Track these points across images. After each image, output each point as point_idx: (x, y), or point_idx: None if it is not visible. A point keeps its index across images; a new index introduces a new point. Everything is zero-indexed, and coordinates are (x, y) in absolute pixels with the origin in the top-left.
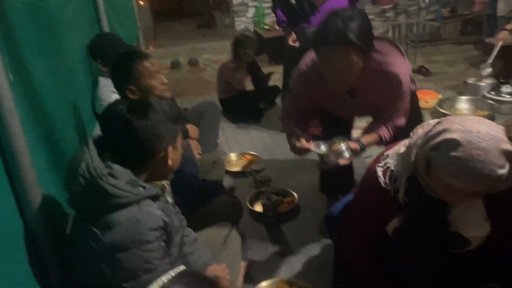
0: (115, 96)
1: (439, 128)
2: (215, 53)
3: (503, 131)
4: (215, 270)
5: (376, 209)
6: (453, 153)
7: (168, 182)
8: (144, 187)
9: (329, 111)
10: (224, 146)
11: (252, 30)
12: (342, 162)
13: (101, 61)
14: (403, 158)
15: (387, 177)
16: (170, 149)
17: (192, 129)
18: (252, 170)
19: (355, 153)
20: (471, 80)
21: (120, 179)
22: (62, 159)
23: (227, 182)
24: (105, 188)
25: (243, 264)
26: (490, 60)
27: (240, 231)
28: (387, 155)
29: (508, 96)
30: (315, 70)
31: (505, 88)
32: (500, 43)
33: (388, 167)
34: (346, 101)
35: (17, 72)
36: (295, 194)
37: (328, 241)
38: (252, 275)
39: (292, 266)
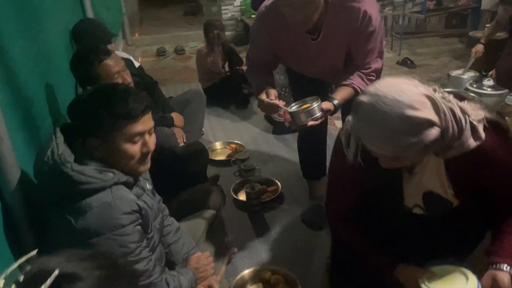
0: None
1: (368, 88)
2: (201, 41)
3: (424, 98)
4: (199, 258)
5: (346, 175)
6: (358, 115)
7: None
8: (113, 173)
9: (293, 63)
10: (209, 135)
11: (239, 18)
12: (312, 122)
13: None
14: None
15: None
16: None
17: (177, 117)
18: (236, 159)
19: (328, 112)
20: (454, 73)
21: (87, 165)
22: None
23: (212, 170)
24: (70, 174)
25: (226, 252)
26: (467, 68)
27: (224, 220)
28: (348, 120)
29: (490, 89)
30: (275, 11)
31: (487, 82)
32: (475, 56)
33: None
34: (311, 47)
35: None
36: (279, 183)
37: (310, 230)
38: (235, 263)
39: (275, 254)
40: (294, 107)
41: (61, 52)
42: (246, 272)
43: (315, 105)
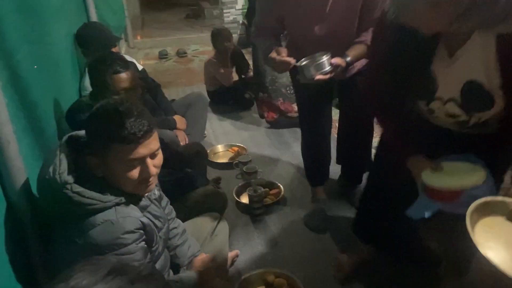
0: None
1: None
2: (203, 44)
3: None
4: (203, 261)
5: (383, 43)
6: None
7: None
8: (115, 195)
9: (300, 22)
10: (211, 138)
11: (240, 22)
12: (320, 76)
13: (83, 50)
14: None
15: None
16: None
17: (179, 119)
18: (239, 162)
19: (338, 68)
20: None
21: (90, 182)
22: (48, 147)
23: (214, 173)
24: (69, 196)
25: (230, 255)
26: None
27: (227, 222)
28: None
29: None
30: None
31: None
32: None
33: None
34: (324, 2)
35: (2, 61)
36: (281, 186)
37: (312, 234)
38: (238, 266)
39: (277, 257)
40: (304, 62)
41: (65, 55)
42: (249, 275)
43: (324, 58)
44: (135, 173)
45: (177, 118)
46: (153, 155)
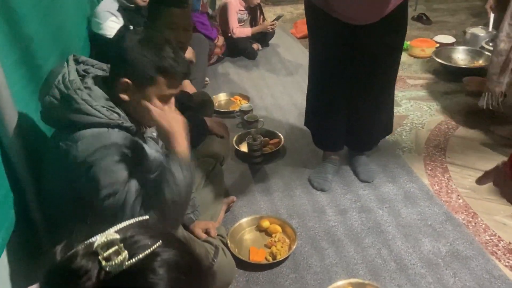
0: (113, 18)
1: None
2: None
3: None
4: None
5: None
6: None
7: None
8: (119, 114)
9: None
10: (214, 85)
11: None
12: None
13: None
14: None
15: None
16: (135, 89)
17: None
18: (240, 111)
19: None
20: (470, 30)
21: (96, 99)
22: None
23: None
24: (78, 102)
25: (225, 200)
26: (489, 29)
27: (222, 169)
28: None
29: None
30: None
31: None
32: (490, 10)
33: None
34: None
35: None
36: (281, 136)
37: (309, 185)
38: (234, 211)
39: (274, 205)
40: None
41: None
42: (244, 220)
43: None
44: (159, 106)
45: None
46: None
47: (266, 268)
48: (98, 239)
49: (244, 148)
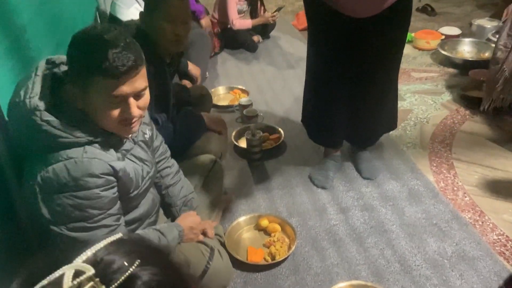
0: (137, 6)
1: None
2: None
3: None
4: (194, 221)
5: None
6: None
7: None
8: (87, 132)
9: None
10: (213, 79)
11: None
12: None
13: None
14: None
15: None
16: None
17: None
18: (239, 105)
19: None
20: (476, 22)
21: (61, 115)
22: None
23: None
24: (38, 124)
25: (224, 198)
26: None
27: (223, 167)
28: None
29: None
30: None
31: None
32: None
33: None
34: None
35: None
36: (281, 131)
37: (309, 183)
38: (232, 209)
39: (273, 203)
40: None
41: None
42: (242, 218)
43: None
44: (115, 112)
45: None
46: (137, 95)
47: (265, 269)
48: (67, 275)
49: (243, 143)
